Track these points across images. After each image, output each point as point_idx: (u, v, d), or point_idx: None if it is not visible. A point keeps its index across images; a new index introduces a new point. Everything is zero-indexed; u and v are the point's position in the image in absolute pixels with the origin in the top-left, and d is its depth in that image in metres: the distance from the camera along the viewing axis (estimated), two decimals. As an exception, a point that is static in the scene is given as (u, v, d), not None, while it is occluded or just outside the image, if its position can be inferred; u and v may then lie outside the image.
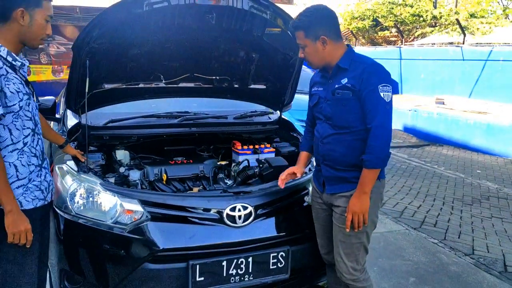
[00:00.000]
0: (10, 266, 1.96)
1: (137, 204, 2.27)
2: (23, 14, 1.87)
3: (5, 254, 1.95)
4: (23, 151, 1.94)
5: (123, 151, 2.99)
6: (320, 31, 2.19)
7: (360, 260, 2.32)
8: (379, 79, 2.13)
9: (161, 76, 3.06)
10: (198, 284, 2.25)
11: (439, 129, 10.65)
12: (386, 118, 2.13)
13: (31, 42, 1.97)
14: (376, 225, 2.39)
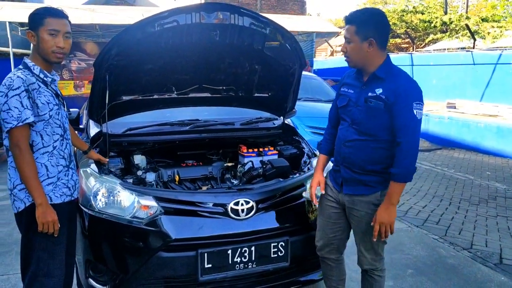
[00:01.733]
0: (42, 253, 2.27)
1: (152, 201, 2.58)
2: (32, 35, 2.24)
3: (38, 243, 2.27)
4: (53, 154, 2.28)
5: (140, 156, 3.31)
6: (371, 33, 2.25)
7: (379, 251, 2.52)
8: (414, 97, 2.20)
9: (173, 87, 3.39)
10: (207, 271, 2.54)
11: (451, 133, 10.76)
12: (416, 135, 2.21)
13: (46, 57, 2.26)
14: None
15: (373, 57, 2.29)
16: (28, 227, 2.25)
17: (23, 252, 2.31)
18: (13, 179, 2.23)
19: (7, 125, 2.10)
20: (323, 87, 9.17)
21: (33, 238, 2.25)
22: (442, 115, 11.13)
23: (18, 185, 2.22)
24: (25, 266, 2.31)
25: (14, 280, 3.30)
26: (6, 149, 2.24)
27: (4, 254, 3.74)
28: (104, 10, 14.14)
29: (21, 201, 2.23)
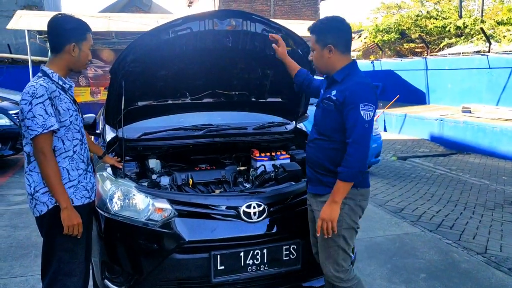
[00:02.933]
0: (64, 254, 2.34)
1: (166, 203, 2.63)
2: (74, 47, 2.31)
3: (59, 244, 2.34)
4: (73, 158, 2.36)
5: (155, 160, 3.38)
6: (329, 40, 2.37)
7: (340, 262, 2.42)
8: (361, 98, 2.23)
9: (187, 93, 3.46)
10: (219, 272, 2.58)
11: (466, 138, 10.66)
12: (362, 135, 2.23)
13: (78, 68, 2.41)
14: (357, 230, 2.48)
15: (335, 62, 2.40)
16: (50, 229, 2.32)
17: (44, 253, 2.37)
18: (34, 183, 2.29)
19: (32, 132, 2.16)
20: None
21: (55, 239, 2.32)
22: (457, 120, 11.04)
23: (40, 189, 2.27)
24: (45, 267, 2.38)
25: (32, 282, 3.38)
26: (27, 155, 2.32)
27: (23, 256, 3.84)
28: (120, 17, 14.36)
29: (43, 204, 2.28)
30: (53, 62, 2.33)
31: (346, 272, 2.46)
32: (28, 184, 2.31)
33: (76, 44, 2.30)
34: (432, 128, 11.75)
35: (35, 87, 2.17)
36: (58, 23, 2.29)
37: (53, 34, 2.30)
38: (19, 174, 6.96)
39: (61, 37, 2.28)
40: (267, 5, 20.59)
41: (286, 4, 20.89)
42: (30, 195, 2.31)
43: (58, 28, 2.29)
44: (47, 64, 2.34)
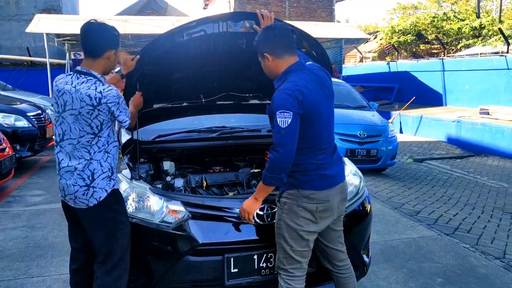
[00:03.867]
0: (124, 239, 2.47)
1: (180, 205, 2.64)
2: (113, 54, 2.44)
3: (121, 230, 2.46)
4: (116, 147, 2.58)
5: (169, 162, 3.40)
6: (264, 49, 2.41)
7: (281, 259, 2.44)
8: (278, 106, 2.23)
9: (201, 95, 3.47)
10: (233, 275, 2.57)
11: (484, 140, 10.52)
12: (279, 142, 2.23)
13: (108, 71, 2.52)
14: (299, 232, 2.38)
15: (277, 68, 2.42)
16: (115, 213, 2.44)
17: (106, 241, 2.42)
18: (96, 170, 2.37)
19: (126, 123, 2.47)
20: (352, 93, 9.12)
21: (117, 224, 2.44)
22: (475, 121, 10.89)
23: (100, 175, 2.38)
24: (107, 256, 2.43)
25: (49, 282, 3.42)
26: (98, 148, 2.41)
27: (40, 256, 3.89)
28: (136, 20, 14.50)
29: (102, 190, 2.39)
30: (93, 66, 2.41)
31: (285, 272, 2.44)
32: (87, 175, 2.37)
33: (115, 51, 2.44)
34: (449, 130, 11.60)
35: (115, 90, 2.35)
36: (99, 29, 2.39)
37: (93, 40, 2.39)
38: (37, 175, 7.06)
39: (103, 43, 2.40)
40: (282, 7, 20.58)
41: (301, 5, 20.84)
42: (86, 186, 2.36)
43: (99, 36, 2.39)
44: (86, 66, 2.41)
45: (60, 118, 2.40)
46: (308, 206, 2.37)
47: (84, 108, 2.30)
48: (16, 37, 17.58)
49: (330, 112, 2.48)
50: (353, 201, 3.02)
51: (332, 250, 2.61)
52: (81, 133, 2.35)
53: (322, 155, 2.40)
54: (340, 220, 2.60)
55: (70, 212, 2.53)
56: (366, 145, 7.42)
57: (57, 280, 3.44)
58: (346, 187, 2.55)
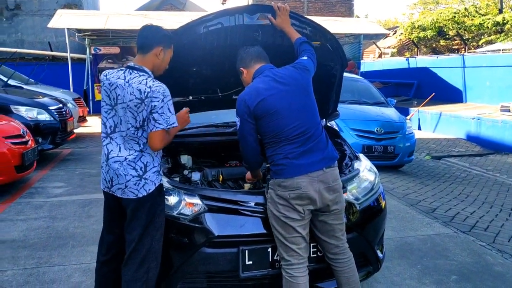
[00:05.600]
0: (156, 232, 2.53)
1: (197, 199, 2.70)
2: (161, 51, 2.50)
3: (156, 222, 2.52)
4: None
5: (186, 156, 3.46)
6: (239, 65, 2.77)
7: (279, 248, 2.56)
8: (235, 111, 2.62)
9: (218, 89, 3.52)
10: (247, 267, 2.62)
11: (505, 137, 10.36)
12: (238, 139, 2.70)
13: (157, 72, 2.57)
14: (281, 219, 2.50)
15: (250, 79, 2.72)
16: (152, 207, 2.50)
17: (139, 234, 2.48)
18: (146, 163, 2.47)
19: (158, 126, 2.40)
20: (370, 89, 9.08)
21: (154, 218, 2.51)
22: (496, 119, 10.72)
23: (152, 168, 2.49)
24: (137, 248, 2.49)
25: (70, 271, 3.53)
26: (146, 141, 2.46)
27: (62, 246, 4.00)
28: (155, 15, 14.63)
29: (152, 182, 2.48)
30: (143, 62, 2.50)
31: (284, 260, 2.54)
32: (139, 166, 2.46)
33: (163, 49, 2.51)
34: (469, 127, 11.45)
35: (163, 87, 2.40)
36: (152, 28, 2.53)
37: (146, 35, 2.51)
38: (58, 168, 7.23)
39: (154, 39, 2.50)
40: (300, 2, 20.50)
41: (320, 0, 20.73)
42: (138, 176, 2.45)
43: (152, 32, 2.51)
44: (137, 62, 2.50)
45: (112, 111, 2.49)
46: (282, 194, 2.49)
47: (132, 101, 2.38)
48: (39, 32, 17.94)
49: (292, 104, 2.55)
50: (368, 197, 3.04)
51: (323, 241, 2.65)
52: (127, 125, 2.43)
53: (288, 145, 2.51)
54: (336, 214, 2.59)
55: (112, 203, 2.61)
56: (383, 142, 7.38)
57: (77, 270, 3.55)
58: (331, 176, 2.55)
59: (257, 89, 2.55)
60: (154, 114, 2.38)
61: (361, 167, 3.24)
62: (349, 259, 2.67)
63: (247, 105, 2.53)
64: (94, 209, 5.00)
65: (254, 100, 2.52)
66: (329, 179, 2.54)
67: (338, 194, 2.60)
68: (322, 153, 2.57)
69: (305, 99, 2.61)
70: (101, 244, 2.76)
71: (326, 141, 2.65)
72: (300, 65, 2.70)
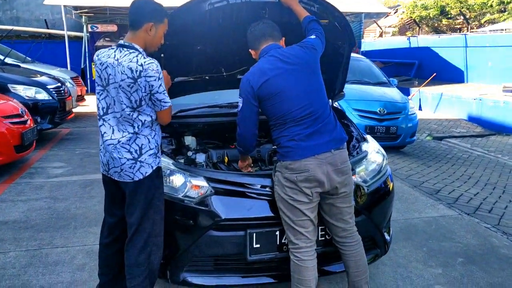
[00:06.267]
0: (156, 216, 2.47)
1: (203, 181, 2.64)
2: (151, 27, 2.37)
3: (155, 206, 2.46)
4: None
5: (191, 137, 3.40)
6: (249, 46, 2.67)
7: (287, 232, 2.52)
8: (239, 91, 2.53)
9: (222, 69, 3.43)
10: (255, 250, 2.59)
11: (506, 118, 10.31)
12: (237, 123, 2.61)
13: (150, 48, 2.45)
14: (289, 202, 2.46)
15: None
16: (150, 190, 2.43)
17: (138, 218, 2.43)
18: (142, 145, 2.39)
19: (165, 104, 2.36)
20: (372, 69, 8.97)
21: (152, 201, 2.45)
22: (498, 99, 10.65)
23: (148, 150, 2.40)
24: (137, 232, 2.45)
25: (73, 252, 3.49)
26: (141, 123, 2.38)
27: (64, 227, 3.96)
28: (153, -8, 14.27)
29: (148, 165, 2.40)
30: (134, 39, 2.39)
31: (292, 244, 2.50)
32: (134, 149, 2.39)
33: (154, 24, 2.39)
34: (470, 108, 11.39)
35: (156, 64, 2.29)
36: (141, 3, 2.40)
37: (135, 12, 2.39)
38: (58, 148, 7.16)
39: (143, 15, 2.37)
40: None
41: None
42: (134, 159, 2.38)
43: (140, 7, 2.40)
44: (127, 39, 2.39)
45: (104, 92, 2.39)
46: (290, 176, 2.43)
47: (124, 81, 2.28)
48: (34, 9, 17.62)
49: (299, 84, 2.47)
50: (376, 179, 2.99)
51: (331, 225, 2.61)
52: (122, 106, 2.33)
53: (295, 127, 2.43)
54: (344, 197, 2.53)
55: (111, 186, 2.55)
56: (385, 122, 7.32)
57: (81, 251, 3.51)
58: (339, 158, 2.47)
59: (262, 69, 2.47)
60: (157, 95, 2.32)
61: (369, 149, 3.18)
62: (357, 242, 2.63)
63: (251, 85, 2.45)
64: (96, 190, 4.96)
65: (258, 81, 2.44)
66: (337, 161, 2.47)
67: (347, 177, 2.54)
68: (330, 134, 2.49)
69: (312, 79, 2.53)
70: (103, 226, 2.73)
71: (335, 122, 2.57)
72: (307, 44, 2.59)
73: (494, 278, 3.27)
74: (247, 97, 2.48)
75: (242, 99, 2.50)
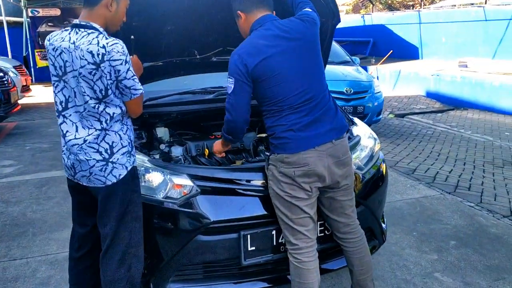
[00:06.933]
0: (134, 223, 2.14)
1: (186, 179, 2.31)
2: (112, 2, 2.01)
3: (132, 212, 2.12)
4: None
5: (163, 129, 3.04)
6: (236, 6, 2.27)
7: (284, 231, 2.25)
8: (228, 69, 2.14)
9: (195, 51, 3.08)
10: (250, 254, 2.31)
11: (463, 93, 10.49)
12: (226, 108, 2.20)
13: (112, 28, 2.09)
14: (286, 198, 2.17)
15: (247, 26, 2.26)
16: (125, 195, 2.09)
17: (113, 227, 2.09)
18: (113, 144, 2.04)
19: (136, 92, 2.03)
20: (334, 48, 8.77)
21: (128, 207, 2.10)
22: (455, 75, 10.81)
23: (120, 149, 2.06)
24: (114, 242, 2.10)
25: (34, 265, 3.08)
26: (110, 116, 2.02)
27: (20, 235, 3.52)
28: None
29: (122, 166, 2.06)
30: (91, 17, 1.99)
31: (290, 244, 2.23)
32: (104, 148, 2.02)
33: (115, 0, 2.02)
34: (428, 84, 11.52)
35: (121, 44, 1.93)
36: None
37: None
38: (5, 144, 6.54)
39: None
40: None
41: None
42: (104, 160, 2.01)
43: None
44: (83, 18, 1.99)
45: (61, 83, 2.00)
46: (286, 171, 2.14)
47: (85, 68, 1.90)
48: (-34, -7, 16.19)
49: (299, 65, 2.15)
50: (370, 166, 2.77)
51: (332, 220, 2.35)
52: (85, 97, 1.96)
53: (293, 115, 2.13)
54: (345, 190, 2.27)
55: (79, 192, 2.19)
56: (352, 102, 7.16)
57: (43, 262, 3.11)
58: (341, 149, 2.20)
59: (257, 46, 2.10)
60: (125, 81, 1.98)
61: (360, 133, 2.96)
62: (360, 238, 2.39)
63: (245, 63, 2.07)
64: (53, 189, 4.50)
65: (254, 59, 2.07)
66: (339, 153, 2.19)
67: (348, 168, 2.28)
68: (331, 122, 2.20)
69: (312, 58, 2.20)
70: (72, 237, 2.35)
71: (335, 108, 2.28)
72: (307, 17, 2.24)
73: (491, 260, 3.17)
74: (240, 77, 2.09)
75: (234, 79, 2.11)
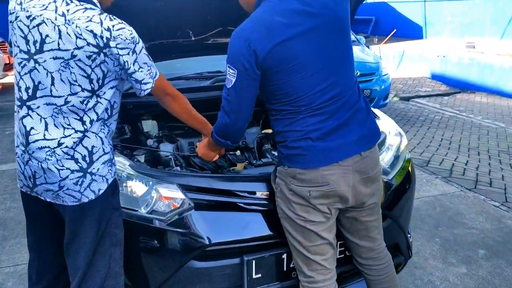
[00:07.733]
0: (114, 249, 1.70)
1: (176, 190, 1.86)
2: None
3: (111, 235, 1.68)
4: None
5: (150, 121, 2.58)
6: None
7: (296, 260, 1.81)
8: (227, 57, 1.63)
9: (189, 31, 2.60)
10: (255, 282, 1.88)
11: (471, 75, 10.03)
12: (223, 106, 1.73)
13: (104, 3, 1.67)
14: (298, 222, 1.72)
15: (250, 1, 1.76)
16: (103, 215, 1.65)
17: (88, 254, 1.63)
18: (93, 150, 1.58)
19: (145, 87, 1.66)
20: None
21: (106, 229, 1.66)
22: (462, 56, 10.32)
23: (100, 157, 1.61)
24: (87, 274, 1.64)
25: (0, 278, 2.66)
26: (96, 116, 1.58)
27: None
28: None
29: (103, 178, 1.62)
30: None
31: (304, 276, 1.78)
32: (81, 154, 1.56)
33: None
34: (434, 65, 11.03)
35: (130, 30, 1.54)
36: None
37: None
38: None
39: None
40: None
41: None
42: (81, 171, 1.55)
43: None
44: None
45: (30, 63, 1.51)
46: (299, 190, 1.67)
47: (83, 50, 1.46)
48: None
49: (325, 51, 1.62)
50: (398, 169, 2.33)
51: (353, 243, 1.90)
52: (73, 88, 1.50)
53: (311, 118, 1.63)
54: (372, 208, 1.82)
55: (38, 210, 1.71)
56: (359, 85, 6.71)
57: (12, 275, 2.69)
58: (371, 163, 1.73)
59: (271, 24, 1.55)
60: (134, 73, 1.58)
61: (385, 129, 2.51)
62: (387, 264, 1.94)
63: (253, 49, 1.53)
64: (30, 183, 4.04)
65: (266, 43, 1.53)
66: (368, 168, 1.71)
67: (377, 184, 1.80)
68: (361, 128, 1.69)
69: (342, 42, 1.67)
70: (29, 268, 1.85)
71: (366, 109, 1.76)
72: None
73: (529, 275, 2.77)
74: (245, 68, 1.56)
75: (237, 71, 1.58)
